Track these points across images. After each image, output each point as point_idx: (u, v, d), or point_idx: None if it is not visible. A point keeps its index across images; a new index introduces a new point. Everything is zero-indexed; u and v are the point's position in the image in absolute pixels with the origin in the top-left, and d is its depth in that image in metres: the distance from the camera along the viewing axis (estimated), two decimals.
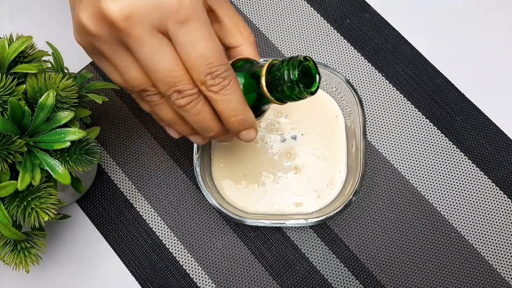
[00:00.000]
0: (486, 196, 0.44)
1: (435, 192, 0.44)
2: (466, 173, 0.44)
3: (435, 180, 0.44)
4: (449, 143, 0.45)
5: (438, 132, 0.46)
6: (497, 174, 0.44)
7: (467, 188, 0.44)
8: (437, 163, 0.45)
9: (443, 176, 0.44)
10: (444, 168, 0.45)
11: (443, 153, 0.45)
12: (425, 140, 0.45)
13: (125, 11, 0.26)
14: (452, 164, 0.45)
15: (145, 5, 0.26)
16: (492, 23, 0.49)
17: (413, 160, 0.45)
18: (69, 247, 0.43)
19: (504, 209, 0.43)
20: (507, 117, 0.46)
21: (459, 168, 0.45)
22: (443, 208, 0.44)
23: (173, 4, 0.26)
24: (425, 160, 0.45)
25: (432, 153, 0.45)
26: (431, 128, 0.46)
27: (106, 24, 0.26)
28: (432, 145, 0.45)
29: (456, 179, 0.44)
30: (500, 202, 0.44)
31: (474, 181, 0.44)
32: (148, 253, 0.43)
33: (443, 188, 0.44)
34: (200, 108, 0.29)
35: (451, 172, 0.44)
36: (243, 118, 0.29)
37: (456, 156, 0.45)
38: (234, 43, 0.32)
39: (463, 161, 0.45)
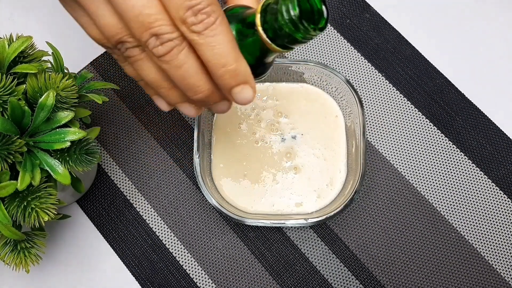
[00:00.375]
0: (486, 196, 0.44)
1: (435, 192, 0.44)
2: (466, 173, 0.44)
3: (435, 180, 0.44)
4: (449, 143, 0.45)
5: (438, 132, 0.46)
6: (497, 174, 0.44)
7: (467, 188, 0.44)
8: (437, 163, 0.45)
9: (443, 176, 0.44)
10: (444, 168, 0.45)
11: (443, 153, 0.45)
12: (425, 140, 0.45)
13: None
14: (452, 164, 0.45)
15: None
16: (493, 23, 0.49)
17: (413, 160, 0.45)
18: (69, 247, 0.43)
19: (504, 209, 0.43)
20: (507, 117, 0.46)
21: (459, 168, 0.45)
22: (443, 208, 0.44)
23: None
24: (425, 160, 0.45)
25: (432, 153, 0.45)
26: (431, 128, 0.46)
27: None
28: (432, 145, 0.45)
29: (456, 179, 0.44)
30: (500, 202, 0.44)
31: (474, 181, 0.44)
32: (148, 253, 0.43)
33: (443, 188, 0.44)
34: (184, 58, 0.24)
35: (451, 172, 0.44)
36: (235, 68, 0.24)
37: (456, 156, 0.45)
38: None
39: (463, 161, 0.45)
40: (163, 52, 0.23)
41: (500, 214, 0.43)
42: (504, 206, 0.44)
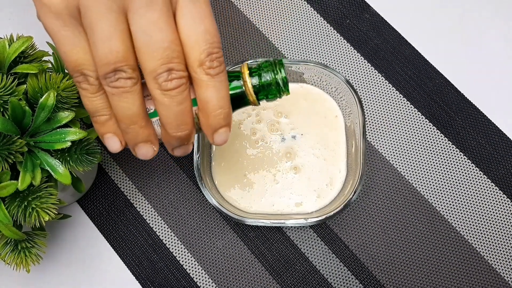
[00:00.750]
0: (486, 196, 0.44)
1: (435, 192, 0.44)
2: (465, 173, 0.45)
3: (435, 180, 0.44)
4: (449, 143, 0.45)
5: (437, 132, 0.46)
6: (497, 174, 0.44)
7: (466, 188, 0.44)
8: (436, 163, 0.45)
9: (443, 176, 0.44)
10: (443, 168, 0.45)
11: (443, 153, 0.45)
12: (425, 140, 0.46)
13: None
14: (451, 164, 0.45)
15: None
16: (492, 23, 0.49)
17: (412, 160, 0.45)
18: (69, 246, 0.43)
19: (504, 209, 0.44)
20: (507, 117, 0.46)
21: (458, 168, 0.45)
22: (442, 208, 0.44)
23: None
24: (424, 160, 0.45)
25: (431, 153, 0.45)
26: (430, 128, 0.46)
27: None
28: (432, 145, 0.45)
29: (455, 179, 0.44)
30: (499, 202, 0.44)
31: (473, 181, 0.44)
32: (149, 252, 0.43)
33: (443, 188, 0.44)
34: (187, 95, 0.26)
35: (451, 172, 0.45)
36: (228, 111, 0.28)
37: (455, 156, 0.45)
38: None
39: (462, 161, 0.45)
40: (172, 87, 0.26)
41: (500, 214, 0.43)
42: (503, 206, 0.44)
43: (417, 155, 0.45)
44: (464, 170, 0.45)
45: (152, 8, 0.25)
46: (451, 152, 0.45)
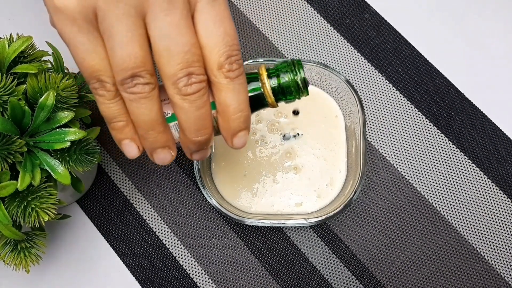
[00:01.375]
0: (486, 196, 0.44)
1: (435, 192, 0.44)
2: (466, 173, 0.44)
3: (435, 180, 0.44)
4: (449, 143, 0.45)
5: (438, 132, 0.46)
6: (497, 174, 0.44)
7: (467, 188, 0.44)
8: (437, 163, 0.45)
9: (443, 176, 0.44)
10: (444, 168, 0.45)
11: (443, 153, 0.45)
12: (425, 140, 0.45)
13: None
14: (452, 164, 0.45)
15: None
16: (492, 23, 0.49)
17: (413, 160, 0.45)
18: (69, 247, 0.43)
19: (504, 209, 0.43)
20: (507, 117, 0.46)
21: (459, 168, 0.45)
22: (443, 208, 0.44)
23: None
24: (425, 160, 0.45)
25: (432, 153, 0.45)
26: (431, 128, 0.46)
27: None
28: (432, 145, 0.45)
29: (456, 179, 0.44)
30: (500, 202, 0.44)
31: (474, 181, 0.44)
32: (148, 253, 0.43)
33: (443, 188, 0.44)
34: (206, 100, 0.26)
35: (451, 172, 0.45)
36: (248, 114, 0.27)
37: (456, 156, 0.45)
38: None
39: (463, 161, 0.45)
40: (192, 91, 0.25)
41: (500, 214, 0.43)
42: (504, 206, 0.44)
43: (417, 155, 0.45)
44: (465, 170, 0.45)
45: (172, 12, 0.25)
46: (452, 152, 0.45)
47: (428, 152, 0.45)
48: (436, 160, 0.45)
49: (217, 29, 0.26)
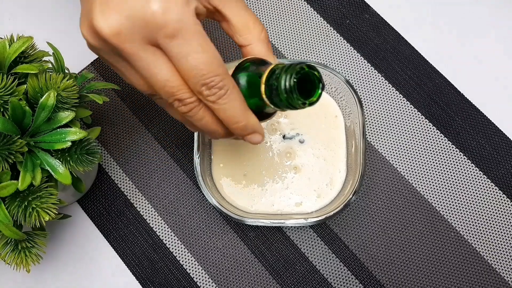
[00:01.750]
0: (486, 196, 0.44)
1: (435, 192, 0.44)
2: (465, 173, 0.45)
3: (435, 180, 0.44)
4: (448, 143, 0.45)
5: (437, 132, 0.46)
6: (497, 174, 0.44)
7: (466, 188, 0.44)
8: (436, 163, 0.45)
9: (443, 176, 0.45)
10: (443, 168, 0.45)
11: (443, 153, 0.45)
12: (425, 140, 0.46)
13: (113, 29, 0.26)
14: (451, 164, 0.45)
15: (133, 22, 0.26)
16: (492, 23, 0.49)
17: (412, 160, 0.45)
18: (69, 246, 0.43)
19: (504, 209, 0.44)
20: (506, 117, 0.46)
21: (458, 168, 0.45)
22: (442, 208, 0.44)
23: (159, 19, 0.26)
24: (424, 160, 0.45)
25: (431, 153, 0.45)
26: (430, 128, 0.46)
27: (101, 39, 0.27)
28: (432, 145, 0.45)
29: (455, 179, 0.44)
30: (499, 202, 0.44)
31: (473, 181, 0.44)
32: (149, 252, 0.43)
33: (443, 188, 0.44)
34: (203, 114, 0.29)
35: (451, 172, 0.45)
36: (244, 124, 0.30)
37: (455, 156, 0.45)
38: (243, 42, 0.32)
39: (462, 161, 0.45)
40: (185, 111, 0.29)
41: (500, 214, 0.43)
42: (503, 206, 0.44)
43: (417, 155, 0.45)
44: (464, 170, 0.45)
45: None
46: (451, 152, 0.45)
47: (428, 152, 0.45)
48: (436, 160, 0.45)
49: (183, 65, 0.27)
